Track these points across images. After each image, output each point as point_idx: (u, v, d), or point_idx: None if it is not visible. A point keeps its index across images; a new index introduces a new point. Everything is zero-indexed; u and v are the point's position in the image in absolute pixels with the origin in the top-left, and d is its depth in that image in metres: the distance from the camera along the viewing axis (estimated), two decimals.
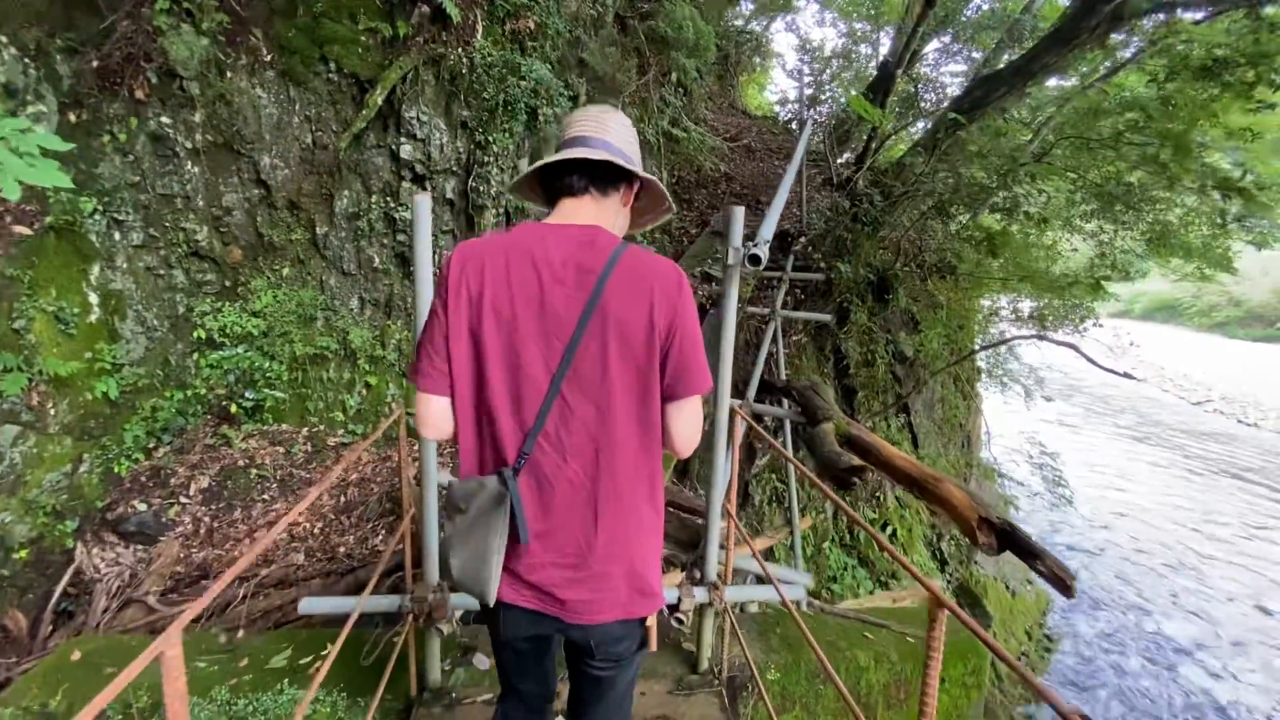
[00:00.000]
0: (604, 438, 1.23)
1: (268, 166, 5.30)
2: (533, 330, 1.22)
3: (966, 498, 2.11)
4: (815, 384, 3.75)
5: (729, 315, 2.18)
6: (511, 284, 1.22)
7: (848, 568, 6.33)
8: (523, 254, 1.24)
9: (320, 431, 5.65)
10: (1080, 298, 5.23)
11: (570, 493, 1.25)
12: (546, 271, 1.22)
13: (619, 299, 1.20)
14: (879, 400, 7.09)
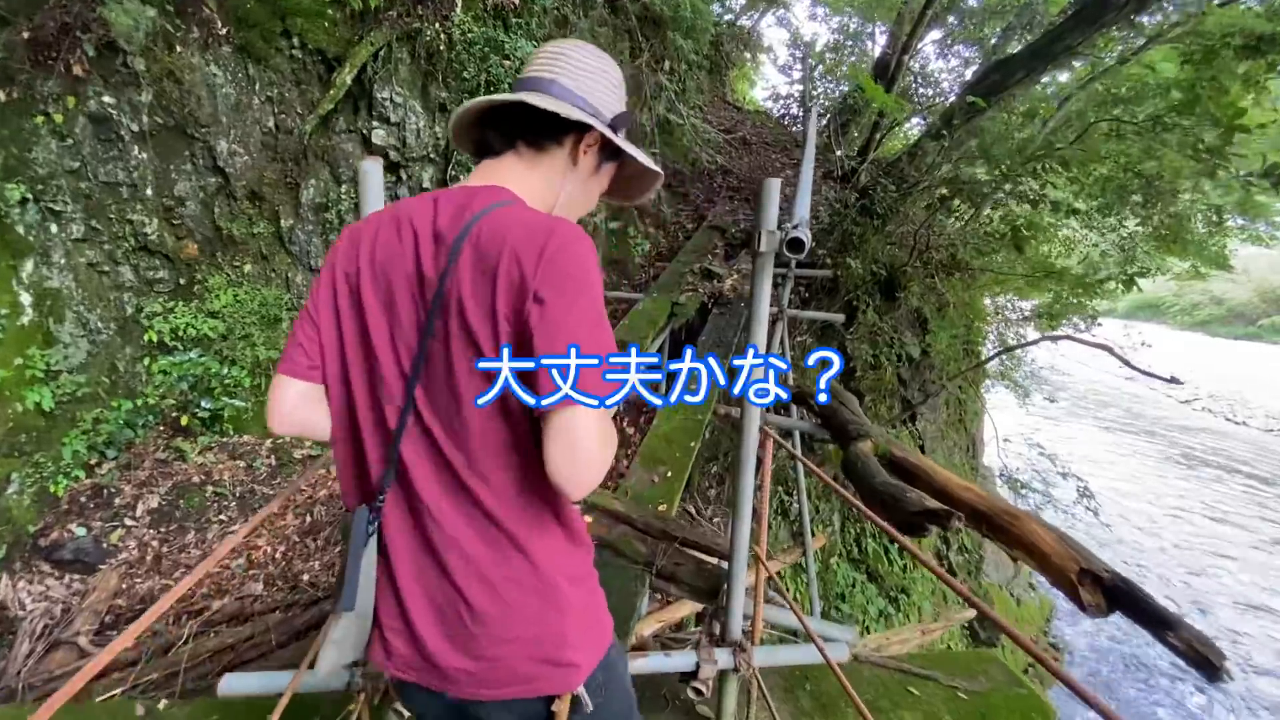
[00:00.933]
0: (465, 465, 0.91)
1: (225, 152, 4.81)
2: (383, 321, 0.95)
3: (1059, 542, 1.69)
4: (837, 391, 3.32)
5: (760, 315, 1.76)
6: (375, 261, 0.96)
7: (856, 584, 5.94)
8: (397, 225, 0.96)
9: (285, 443, 5.16)
10: (1109, 296, 4.89)
11: (438, 536, 0.94)
12: (409, 247, 0.95)
13: (465, 280, 0.88)
14: (886, 404, 6.71)
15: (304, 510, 4.68)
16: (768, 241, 1.66)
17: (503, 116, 1.03)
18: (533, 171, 1.04)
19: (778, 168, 8.75)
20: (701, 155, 7.60)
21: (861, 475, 2.12)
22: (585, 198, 1.13)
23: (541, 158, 1.04)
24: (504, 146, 1.04)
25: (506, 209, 0.93)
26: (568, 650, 0.97)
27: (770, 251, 1.68)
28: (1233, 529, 12.84)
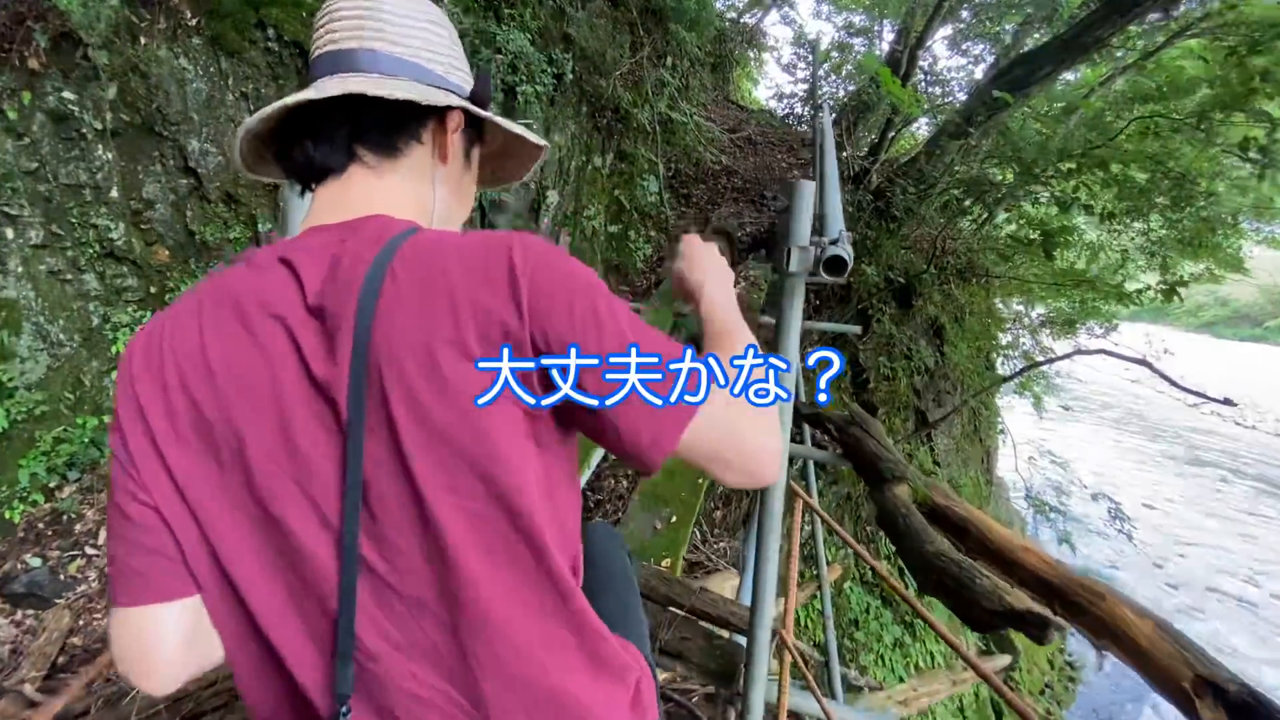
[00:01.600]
0: (465, 619, 0.59)
1: (196, 152, 4.49)
2: (279, 460, 0.60)
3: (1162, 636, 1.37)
4: (859, 415, 2.99)
5: (789, 344, 1.43)
6: (218, 390, 0.61)
7: (870, 609, 5.62)
8: (241, 321, 0.63)
9: None
10: (1147, 304, 4.58)
11: None
12: (275, 347, 0.62)
13: (404, 366, 0.57)
14: (900, 417, 6.38)
15: None
16: (799, 260, 1.33)
17: (323, 119, 0.73)
18: (392, 184, 0.75)
19: (784, 168, 8.42)
20: (705, 155, 7.27)
21: (905, 535, 1.79)
22: (462, 200, 0.87)
23: (398, 163, 0.75)
24: (340, 161, 0.74)
25: (412, 241, 0.63)
26: None
27: (802, 273, 1.36)
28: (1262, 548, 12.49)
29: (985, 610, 1.28)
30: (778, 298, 1.56)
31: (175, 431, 0.62)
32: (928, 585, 1.53)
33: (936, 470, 7.17)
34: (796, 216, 1.35)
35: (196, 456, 0.62)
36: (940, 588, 1.45)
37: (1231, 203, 6.83)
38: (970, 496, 7.54)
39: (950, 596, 1.41)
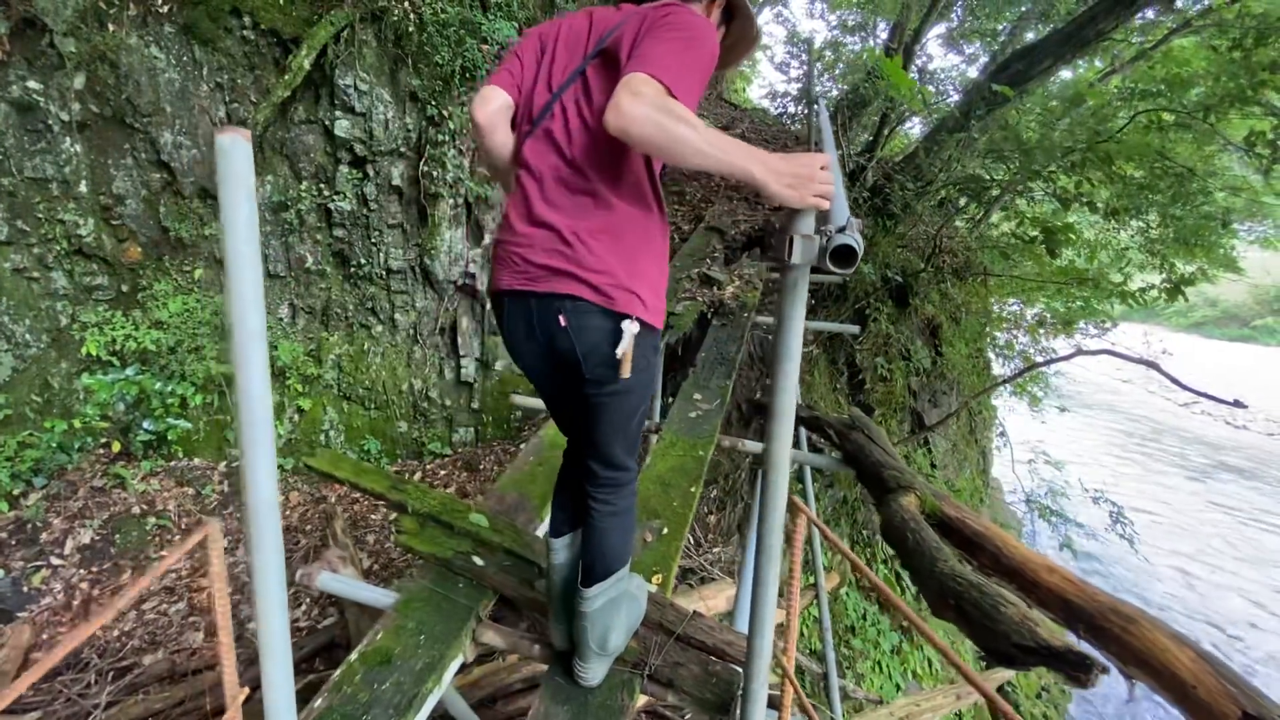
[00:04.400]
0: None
1: (169, 145, 4.31)
2: (561, 67, 1.50)
3: (1204, 667, 1.25)
4: (860, 419, 2.86)
5: (790, 349, 1.30)
6: (559, 37, 1.51)
7: (866, 615, 5.49)
8: (587, 17, 1.51)
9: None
10: (1150, 303, 4.47)
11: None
12: (579, 30, 1.50)
13: (624, 38, 1.38)
14: (896, 419, 6.26)
15: None
16: (803, 250, 1.19)
17: None
18: None
19: None
20: None
21: (915, 553, 1.65)
22: None
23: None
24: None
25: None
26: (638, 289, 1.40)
27: (806, 264, 1.22)
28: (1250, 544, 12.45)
29: (1013, 645, 1.14)
30: (777, 295, 1.42)
31: (540, 44, 1.51)
32: (943, 609, 1.39)
33: (934, 473, 7.05)
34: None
35: (534, 54, 1.50)
36: (959, 615, 1.31)
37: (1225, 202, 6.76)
38: (968, 499, 7.43)
39: (970, 625, 1.27)
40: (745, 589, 2.18)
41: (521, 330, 1.47)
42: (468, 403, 5.18)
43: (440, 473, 4.81)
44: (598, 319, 1.38)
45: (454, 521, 1.98)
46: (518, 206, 1.46)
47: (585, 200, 1.39)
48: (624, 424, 1.56)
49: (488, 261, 5.11)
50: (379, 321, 4.96)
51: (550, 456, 2.53)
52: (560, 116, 1.42)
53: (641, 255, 1.42)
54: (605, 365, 1.41)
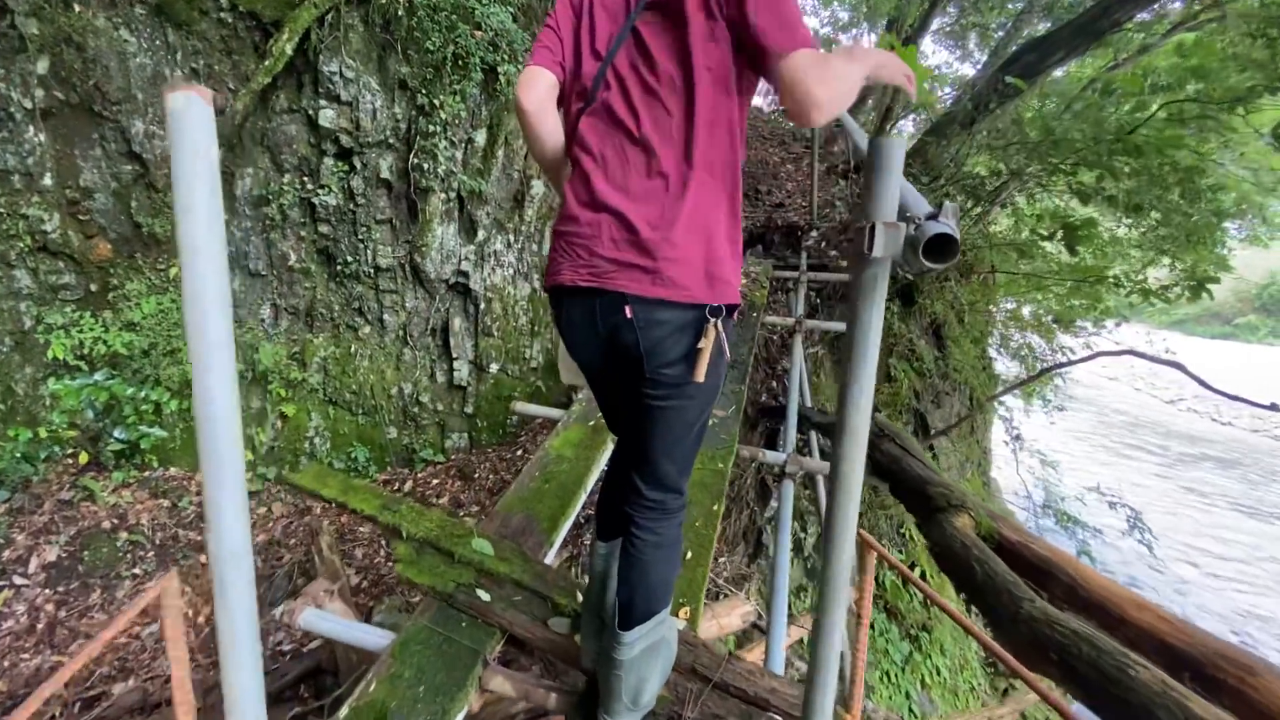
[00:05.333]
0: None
1: (141, 134, 4.05)
2: (606, 31, 1.37)
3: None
4: (888, 427, 2.67)
5: (864, 351, 1.10)
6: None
7: (875, 625, 5.33)
8: None
9: None
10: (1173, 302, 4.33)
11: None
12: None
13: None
14: (901, 421, 6.11)
15: None
16: (886, 241, 1.00)
17: None
18: None
19: (777, 161, 8.12)
20: None
21: (987, 589, 1.46)
22: None
23: None
24: None
25: None
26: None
27: (887, 258, 1.02)
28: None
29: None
30: (849, 293, 1.23)
31: (573, 12, 1.36)
32: (1039, 663, 1.20)
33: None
34: (881, 183, 1.01)
35: (570, 23, 1.36)
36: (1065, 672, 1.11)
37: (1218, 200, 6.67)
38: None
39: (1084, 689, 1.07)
40: (778, 625, 1.98)
41: (582, 324, 1.36)
42: (461, 407, 4.95)
43: (433, 481, 4.58)
44: (666, 311, 1.25)
45: (454, 549, 1.76)
46: (577, 191, 1.33)
47: (656, 181, 1.25)
48: (681, 436, 1.42)
49: (481, 259, 4.89)
50: (367, 322, 4.72)
51: (558, 472, 2.32)
52: (617, 86, 1.28)
53: (721, 238, 1.28)
54: (670, 365, 1.29)
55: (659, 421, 1.38)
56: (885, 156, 1.00)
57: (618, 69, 1.28)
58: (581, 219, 1.29)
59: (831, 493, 1.17)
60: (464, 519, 1.92)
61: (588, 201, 1.29)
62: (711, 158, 1.25)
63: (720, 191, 1.28)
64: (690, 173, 1.24)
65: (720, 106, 1.26)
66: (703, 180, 1.24)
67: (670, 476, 1.45)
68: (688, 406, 1.37)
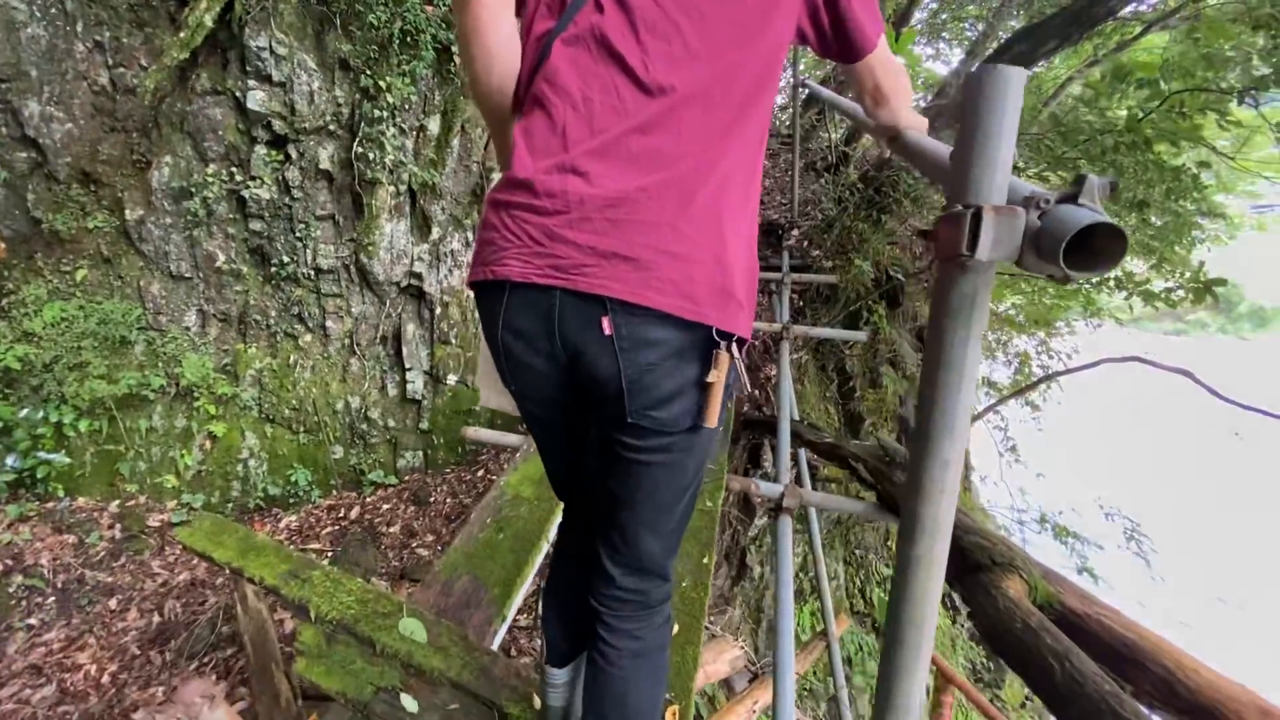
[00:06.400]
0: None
1: (36, 117, 3.53)
2: None
3: None
4: (896, 451, 2.34)
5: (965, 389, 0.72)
6: None
7: (862, 646, 5.03)
8: None
9: (137, 507, 3.91)
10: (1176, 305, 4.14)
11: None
12: None
13: None
14: (887, 427, 5.83)
15: (153, 606, 3.45)
16: (998, 235, 0.64)
17: None
18: None
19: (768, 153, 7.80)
20: None
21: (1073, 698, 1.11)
22: None
23: None
24: None
25: None
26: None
27: (994, 262, 0.66)
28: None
29: None
30: (932, 316, 0.87)
31: None
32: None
33: None
34: (986, 145, 0.65)
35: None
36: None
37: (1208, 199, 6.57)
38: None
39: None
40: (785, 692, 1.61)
41: (531, 339, 0.95)
42: (415, 423, 4.50)
43: (383, 507, 4.13)
44: (661, 328, 0.89)
45: (376, 634, 1.36)
46: (538, 144, 0.92)
47: (664, 142, 0.88)
48: (671, 503, 1.05)
49: (436, 260, 4.45)
50: (307, 330, 4.24)
51: (513, 517, 1.92)
52: (617, 10, 0.90)
53: (742, 244, 0.93)
54: (662, 404, 0.93)
55: (642, 485, 1.02)
56: (992, 99, 0.64)
57: None
58: (541, 186, 0.89)
59: (897, 613, 0.81)
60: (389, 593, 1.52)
61: (556, 163, 0.89)
62: (749, 133, 0.91)
63: (751, 181, 0.93)
64: (723, 145, 0.88)
65: (773, 73, 0.95)
66: (739, 159, 0.89)
67: (654, 558, 1.07)
68: (683, 463, 1.01)
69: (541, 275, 0.89)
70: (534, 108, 0.95)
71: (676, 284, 0.87)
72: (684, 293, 0.87)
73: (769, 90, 0.97)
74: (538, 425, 1.11)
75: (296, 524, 4.02)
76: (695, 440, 0.99)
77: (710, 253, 0.89)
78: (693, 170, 0.88)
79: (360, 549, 3.72)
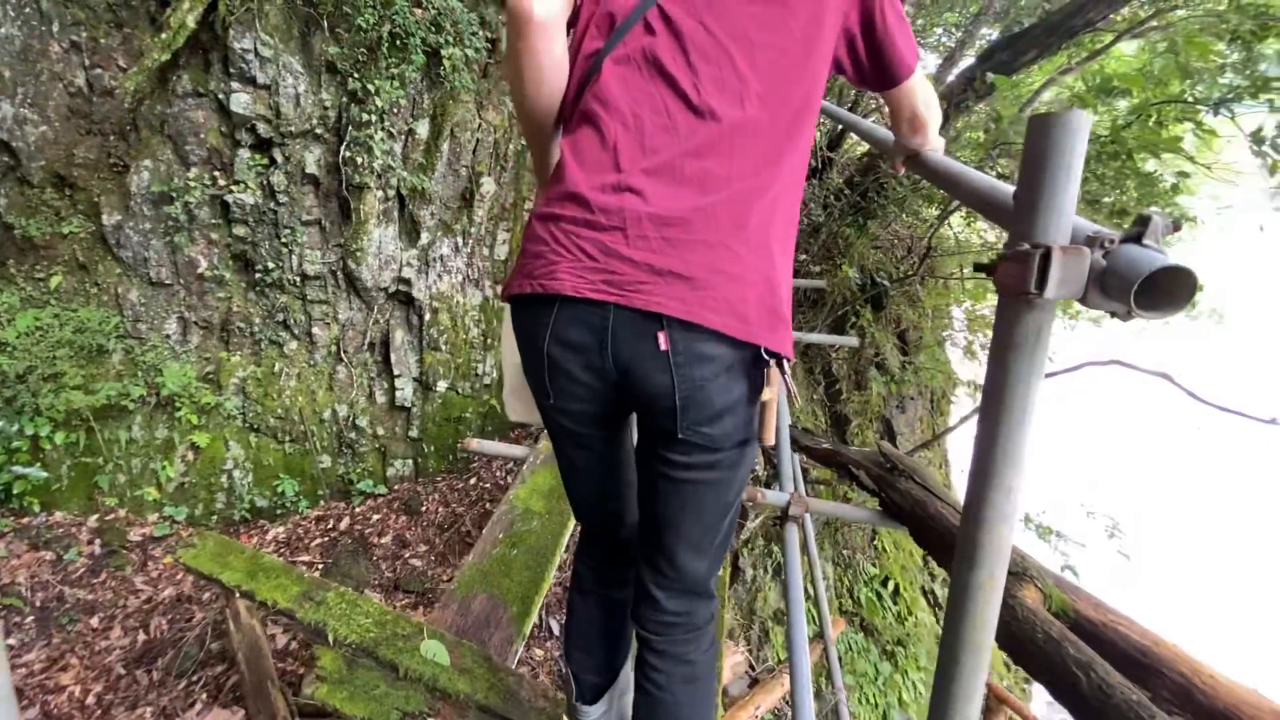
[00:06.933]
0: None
1: (9, 120, 3.41)
2: None
3: None
4: (898, 457, 2.40)
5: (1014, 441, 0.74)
6: None
7: (853, 646, 5.10)
8: None
9: (118, 521, 3.80)
10: None
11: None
12: None
13: None
14: (873, 429, 5.92)
15: (137, 624, 3.35)
16: (1064, 274, 0.65)
17: None
18: None
19: None
20: None
21: (1099, 709, 1.14)
22: None
23: None
24: None
25: None
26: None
27: (1056, 300, 0.67)
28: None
29: None
30: (993, 354, 0.87)
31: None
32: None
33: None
34: (1052, 184, 0.67)
35: None
36: None
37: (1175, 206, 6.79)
38: None
39: None
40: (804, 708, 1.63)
41: (582, 353, 0.95)
42: (404, 431, 4.44)
43: (373, 517, 4.06)
44: (719, 346, 0.91)
45: (398, 658, 1.34)
46: (590, 161, 0.94)
47: (717, 165, 0.90)
48: (716, 522, 1.06)
49: (426, 265, 4.39)
50: (293, 337, 4.16)
51: (526, 533, 1.90)
52: (668, 34, 0.92)
53: (785, 254, 0.97)
54: (713, 420, 0.94)
55: (689, 504, 1.02)
56: (1060, 141, 0.66)
57: (666, 9, 0.92)
58: (595, 202, 0.90)
59: (955, 637, 0.82)
60: (409, 615, 1.50)
61: (610, 182, 0.90)
62: (795, 159, 0.94)
63: (796, 204, 0.96)
64: (773, 170, 0.90)
65: (815, 101, 0.98)
66: (787, 183, 0.92)
67: (699, 578, 1.09)
68: (729, 479, 1.03)
69: (595, 291, 0.90)
70: (583, 124, 0.96)
71: (731, 304, 0.89)
72: (738, 313, 0.89)
73: (811, 117, 0.99)
74: (571, 442, 1.10)
75: (284, 536, 3.94)
76: (741, 456, 1.02)
77: (762, 274, 0.91)
78: (746, 192, 0.90)
79: (351, 560, 3.66)
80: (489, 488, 4.20)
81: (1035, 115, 0.70)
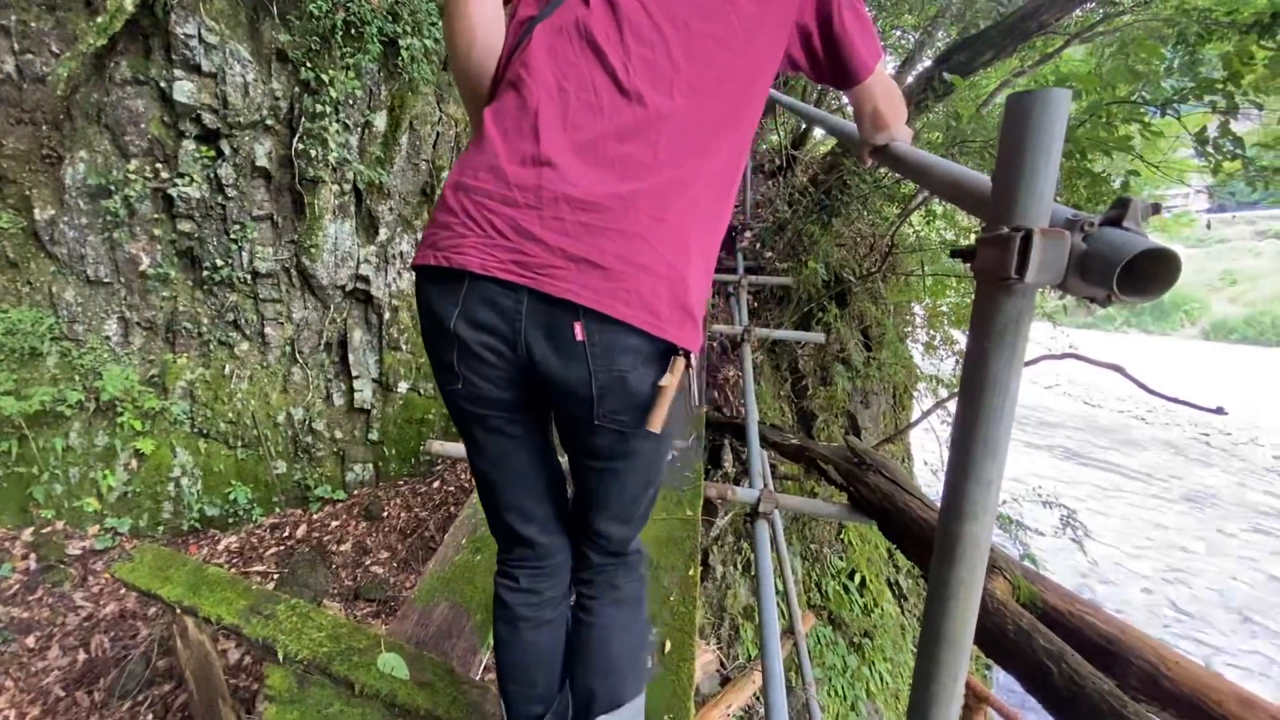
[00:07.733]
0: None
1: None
2: None
3: None
4: (865, 452, 2.41)
5: (995, 424, 0.71)
6: None
7: (821, 638, 5.14)
8: None
9: (55, 534, 3.59)
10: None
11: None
12: None
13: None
14: (838, 424, 5.98)
15: (77, 642, 3.16)
16: (1045, 258, 0.63)
17: None
18: None
19: None
20: None
21: (1071, 701, 1.13)
22: None
23: None
24: None
25: None
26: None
27: (1038, 285, 0.65)
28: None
29: None
30: (971, 341, 0.85)
31: None
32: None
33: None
34: (1032, 165, 0.64)
35: None
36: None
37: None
38: None
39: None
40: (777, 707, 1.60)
41: (492, 331, 0.90)
42: (364, 434, 4.30)
43: (332, 524, 3.92)
44: (633, 338, 0.89)
45: (354, 674, 1.27)
46: (513, 130, 0.89)
47: (641, 152, 0.86)
48: (636, 498, 1.07)
49: (384, 262, 4.26)
50: (244, 337, 3.99)
51: (489, 538, 1.84)
52: (605, 8, 0.90)
53: (702, 251, 0.94)
54: (629, 409, 0.93)
55: (610, 486, 1.04)
56: (1039, 121, 0.63)
57: None
58: (511, 176, 0.86)
59: (933, 633, 0.79)
60: (366, 626, 1.42)
61: (529, 154, 0.86)
62: (725, 154, 0.91)
63: (722, 201, 0.93)
64: (697, 163, 0.88)
65: (756, 97, 0.96)
66: (712, 179, 0.90)
67: (626, 538, 1.12)
68: (649, 460, 1.04)
69: (505, 271, 0.86)
70: (507, 90, 0.93)
71: (642, 297, 0.86)
72: (650, 307, 0.87)
73: (750, 114, 0.97)
74: (478, 426, 1.03)
75: (237, 545, 3.77)
76: (661, 442, 1.02)
77: (675, 269, 0.88)
78: (668, 184, 0.87)
79: (309, 569, 3.52)
80: (453, 491, 4.09)
81: (1013, 93, 0.67)
